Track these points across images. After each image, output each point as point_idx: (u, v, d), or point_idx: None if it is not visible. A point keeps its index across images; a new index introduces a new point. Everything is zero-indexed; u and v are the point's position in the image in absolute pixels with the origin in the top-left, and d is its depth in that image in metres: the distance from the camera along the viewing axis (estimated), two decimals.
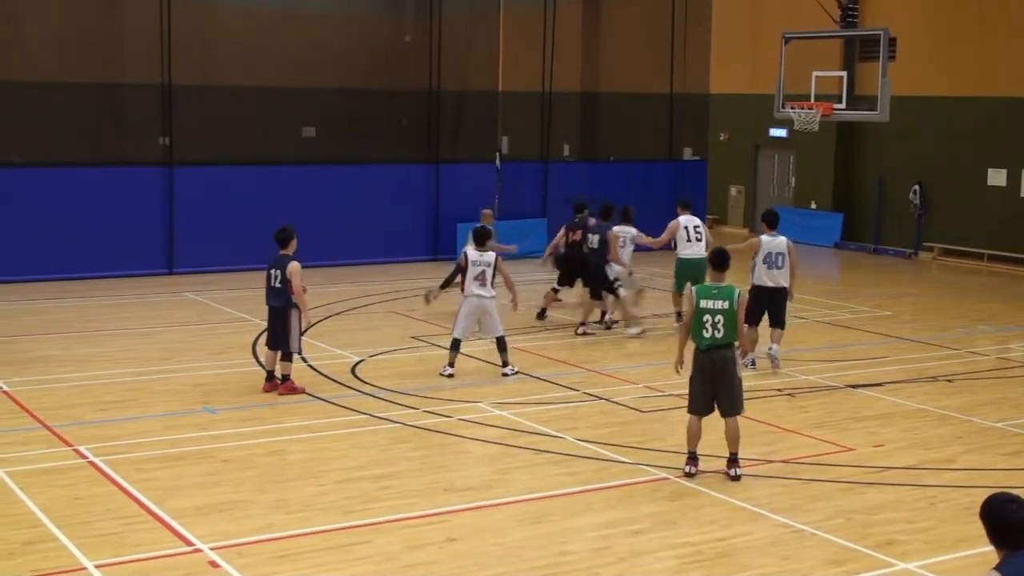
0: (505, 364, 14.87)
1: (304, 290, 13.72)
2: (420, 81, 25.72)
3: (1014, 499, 5.45)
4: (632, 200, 26.97)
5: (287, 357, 13.81)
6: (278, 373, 13.83)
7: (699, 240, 17.29)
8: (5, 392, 13.66)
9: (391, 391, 13.97)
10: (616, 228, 17.90)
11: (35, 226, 21.44)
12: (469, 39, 27.23)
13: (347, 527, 9.60)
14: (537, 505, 10.24)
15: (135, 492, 10.25)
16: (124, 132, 23.63)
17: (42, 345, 16.39)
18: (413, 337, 17.14)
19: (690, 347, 11.11)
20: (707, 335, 10.80)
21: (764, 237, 15.36)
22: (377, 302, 19.99)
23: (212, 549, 9.02)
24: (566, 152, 28.75)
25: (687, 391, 11.12)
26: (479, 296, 14.69)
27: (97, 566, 8.65)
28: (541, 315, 18.50)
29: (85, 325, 17.83)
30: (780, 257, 15.21)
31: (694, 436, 11.03)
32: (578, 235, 18.07)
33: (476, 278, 14.72)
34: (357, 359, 15.60)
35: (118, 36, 23.53)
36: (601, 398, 13.88)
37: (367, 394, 13.85)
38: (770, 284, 15.21)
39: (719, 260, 11.16)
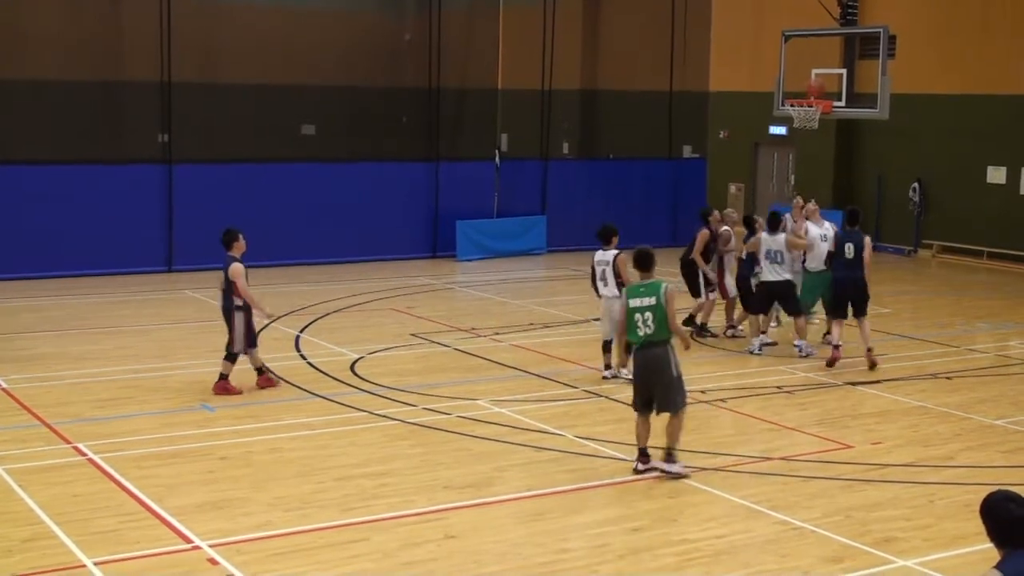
0: (607, 367, 14.59)
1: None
2: (420, 79, 25.72)
3: (1014, 497, 5.44)
4: (632, 198, 27.14)
5: (230, 357, 13.59)
6: (252, 366, 13.78)
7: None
8: (4, 389, 13.66)
9: (390, 388, 13.97)
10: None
11: (34, 223, 21.44)
12: (469, 37, 27.23)
13: (345, 524, 9.60)
14: (536, 502, 10.24)
15: (134, 489, 10.25)
16: (123, 129, 23.63)
17: (40, 342, 16.39)
18: (412, 334, 17.13)
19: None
20: (640, 333, 10.78)
21: (764, 235, 15.88)
22: (376, 299, 19.98)
23: (211, 546, 9.02)
24: (565, 150, 28.75)
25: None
26: (604, 296, 14.51)
27: (96, 563, 8.66)
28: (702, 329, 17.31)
29: (84, 322, 17.83)
30: (778, 254, 15.79)
31: (641, 434, 10.99)
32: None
33: (601, 278, 14.54)
34: (356, 356, 15.60)
35: (118, 33, 23.53)
36: (600, 395, 13.87)
37: (366, 391, 13.85)
38: (774, 278, 15.79)
39: (643, 260, 11.12)
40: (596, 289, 14.69)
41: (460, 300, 21.07)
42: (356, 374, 14.69)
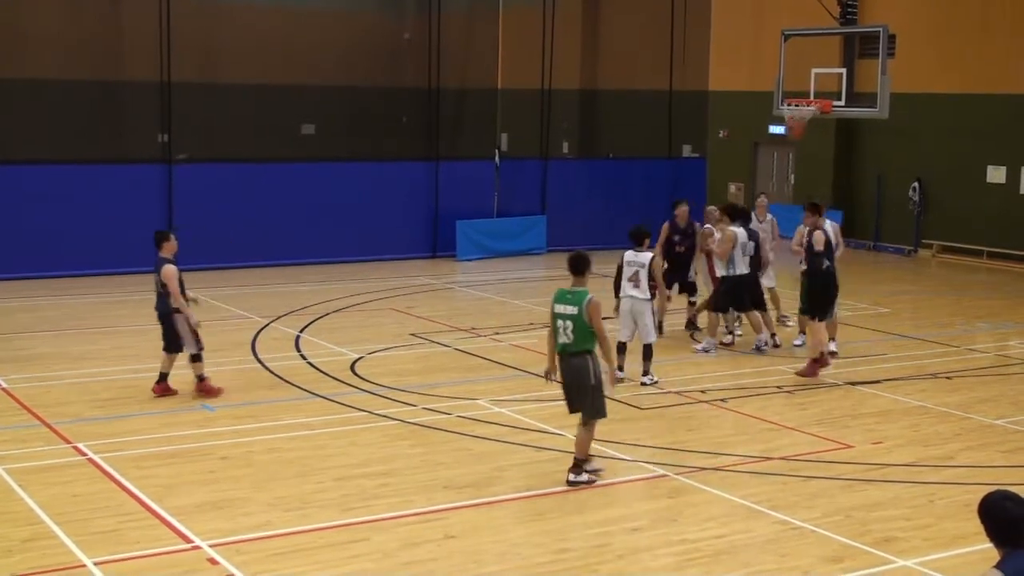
0: (645, 373, 14.42)
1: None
2: (419, 78, 25.71)
3: (1012, 496, 5.45)
4: (631, 198, 27.13)
5: (196, 358, 13.45)
6: (194, 373, 13.54)
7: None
8: (4, 389, 13.65)
9: (390, 388, 13.97)
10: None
11: (33, 223, 21.43)
12: (468, 36, 27.22)
13: (345, 524, 9.60)
14: (536, 502, 10.24)
15: (134, 489, 10.25)
16: (123, 129, 23.63)
17: (40, 342, 16.39)
18: (412, 334, 17.13)
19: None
20: (561, 340, 10.62)
21: (739, 231, 15.94)
22: (376, 299, 19.97)
23: (210, 546, 9.02)
24: (565, 149, 28.74)
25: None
26: (632, 297, 14.42)
27: (96, 563, 8.66)
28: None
29: (83, 322, 17.83)
30: (751, 246, 16.09)
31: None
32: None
33: (630, 279, 14.46)
34: (356, 356, 15.59)
35: (117, 33, 23.54)
36: None
37: (366, 391, 13.85)
38: (744, 271, 15.96)
39: (578, 264, 10.81)
40: (617, 289, 14.63)
41: (460, 300, 21.06)
42: (356, 374, 14.68)
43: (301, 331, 17.22)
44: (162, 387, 13.46)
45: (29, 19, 22.53)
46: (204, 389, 13.46)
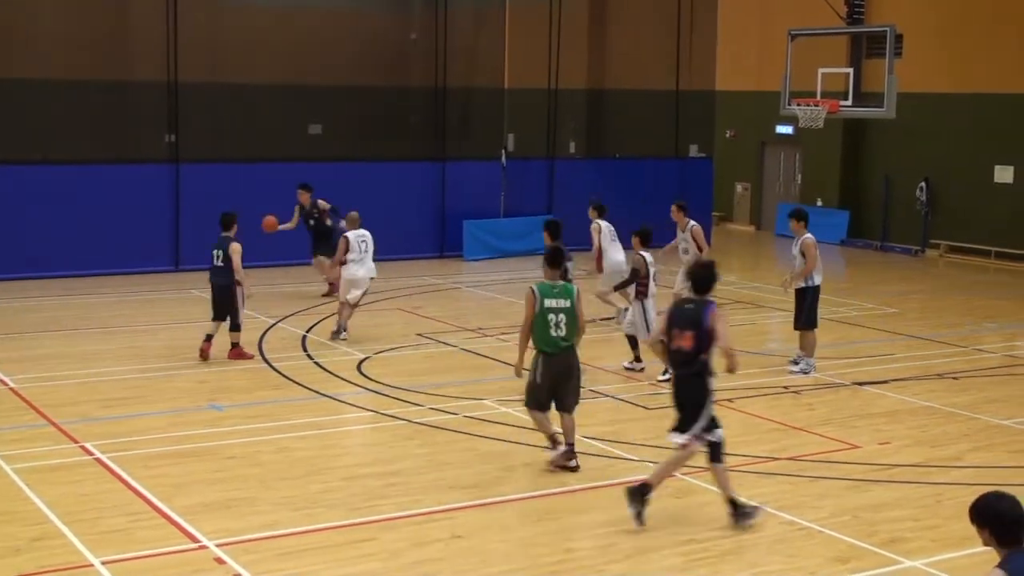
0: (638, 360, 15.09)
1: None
2: (426, 78, 25.72)
3: (1006, 496, 5.47)
4: (638, 197, 27.11)
5: (238, 327, 15.17)
6: (232, 340, 15.23)
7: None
8: (12, 389, 13.69)
9: (397, 388, 13.98)
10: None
11: (41, 223, 21.48)
12: (475, 36, 27.23)
13: (353, 524, 9.61)
14: (543, 502, 10.24)
15: (142, 489, 10.27)
16: (130, 129, 23.67)
17: (48, 342, 16.42)
18: (419, 334, 17.14)
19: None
20: (553, 335, 10.70)
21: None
22: (383, 299, 19.97)
23: (218, 546, 9.03)
24: (572, 149, 28.73)
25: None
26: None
27: (104, 562, 8.67)
28: None
29: (91, 322, 17.86)
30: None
31: (545, 423, 11.05)
32: None
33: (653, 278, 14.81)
34: (363, 356, 15.61)
35: (125, 34, 23.57)
36: (607, 395, 13.87)
37: (373, 391, 13.86)
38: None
39: (555, 258, 10.91)
40: (623, 286, 15.16)
41: (467, 300, 21.07)
42: (363, 374, 14.70)
43: (308, 331, 17.24)
44: (208, 345, 15.08)
45: (35, 19, 22.57)
46: (238, 354, 15.15)
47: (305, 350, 16.03)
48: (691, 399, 9.67)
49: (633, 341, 14.98)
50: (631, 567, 8.90)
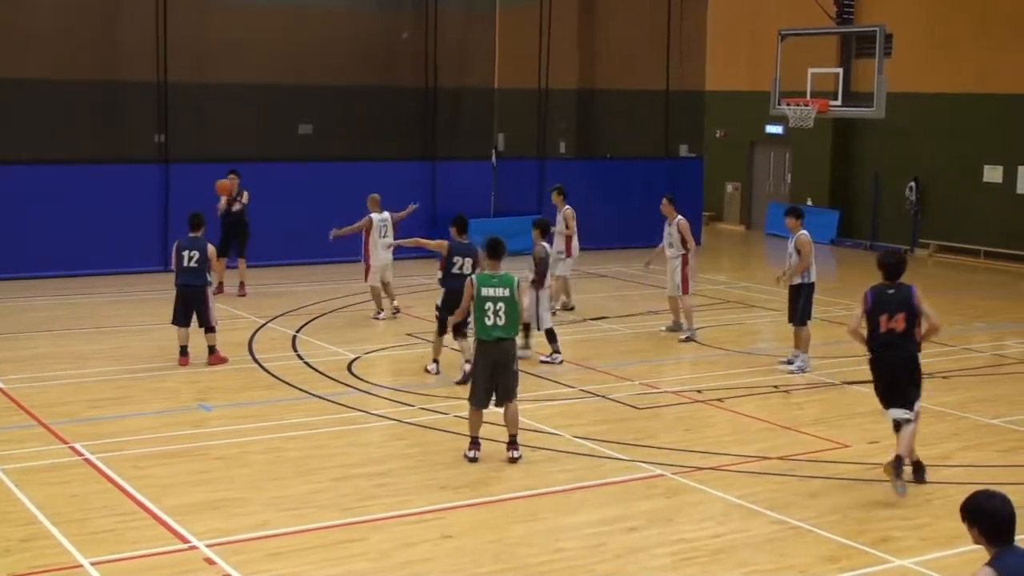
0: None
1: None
2: (417, 78, 25.70)
3: (996, 495, 5.51)
4: (628, 198, 27.14)
5: (213, 329, 14.98)
6: (209, 344, 15.02)
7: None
8: (1, 390, 13.65)
9: (387, 388, 13.97)
10: None
11: (31, 223, 21.43)
12: (465, 36, 27.20)
13: (343, 524, 9.60)
14: (532, 502, 10.25)
15: (131, 489, 10.25)
16: (120, 129, 23.59)
17: (37, 342, 16.38)
18: (408, 334, 17.13)
19: None
20: (491, 323, 10.84)
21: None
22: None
23: (208, 546, 9.02)
24: (562, 149, 28.73)
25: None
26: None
27: (93, 563, 8.65)
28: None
29: (80, 322, 17.82)
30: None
31: (477, 424, 11.21)
32: None
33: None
34: (353, 356, 15.59)
35: (114, 34, 23.49)
36: (597, 395, 13.88)
37: (363, 391, 13.85)
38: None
39: (496, 249, 11.23)
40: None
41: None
42: (353, 374, 14.69)
43: (298, 331, 17.22)
44: (186, 359, 14.95)
45: (25, 19, 22.48)
46: (218, 359, 14.91)
47: (295, 350, 16.01)
48: (911, 374, 10.57)
49: (546, 333, 15.37)
50: (620, 567, 8.91)
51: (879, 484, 10.84)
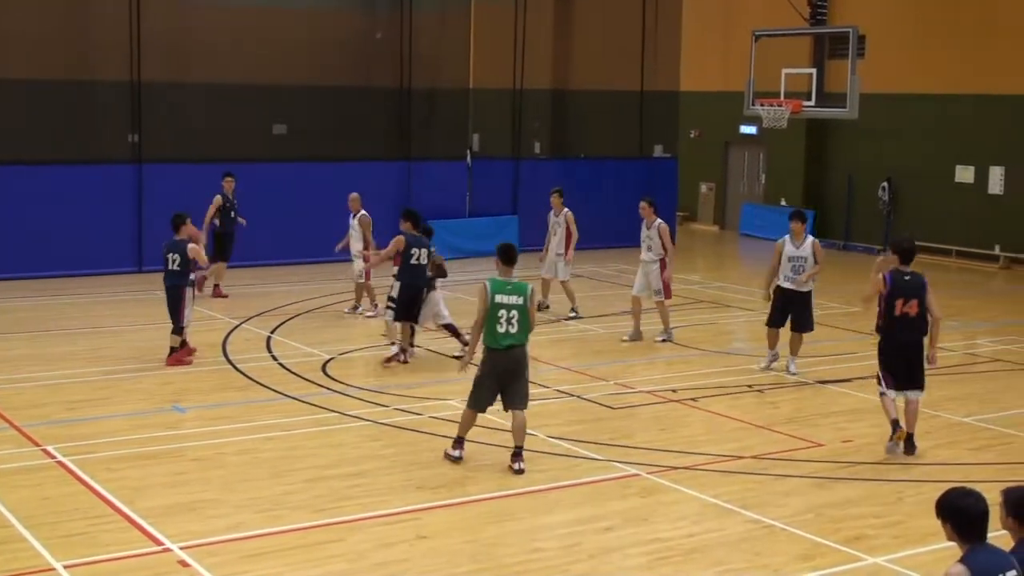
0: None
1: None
2: (391, 78, 25.67)
3: (971, 492, 5.57)
4: (603, 198, 27.17)
5: (179, 331, 14.99)
6: (173, 344, 15.02)
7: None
8: None
9: (362, 389, 13.95)
10: None
11: (3, 224, 21.27)
12: (440, 36, 27.19)
13: (318, 525, 9.58)
14: (508, 502, 10.25)
15: (104, 492, 10.20)
16: (93, 130, 23.46)
17: (10, 344, 16.26)
18: (383, 335, 17.08)
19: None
20: (503, 331, 10.75)
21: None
22: (347, 300, 19.89)
23: (182, 548, 8.98)
24: (537, 149, 28.77)
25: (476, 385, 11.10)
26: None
27: (66, 566, 8.60)
28: None
29: (54, 324, 17.71)
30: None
31: (469, 425, 11.20)
32: None
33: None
34: (327, 357, 15.56)
35: (87, 33, 23.37)
36: (572, 395, 13.90)
37: (338, 392, 13.82)
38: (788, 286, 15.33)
39: (508, 254, 11.00)
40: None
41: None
42: (328, 375, 14.65)
43: (272, 332, 17.17)
44: (176, 357, 14.95)
45: None
46: (177, 360, 14.89)
47: (270, 351, 15.97)
48: (919, 358, 11.70)
49: (452, 329, 15.43)
50: (595, 566, 8.93)
51: (852, 482, 10.91)
